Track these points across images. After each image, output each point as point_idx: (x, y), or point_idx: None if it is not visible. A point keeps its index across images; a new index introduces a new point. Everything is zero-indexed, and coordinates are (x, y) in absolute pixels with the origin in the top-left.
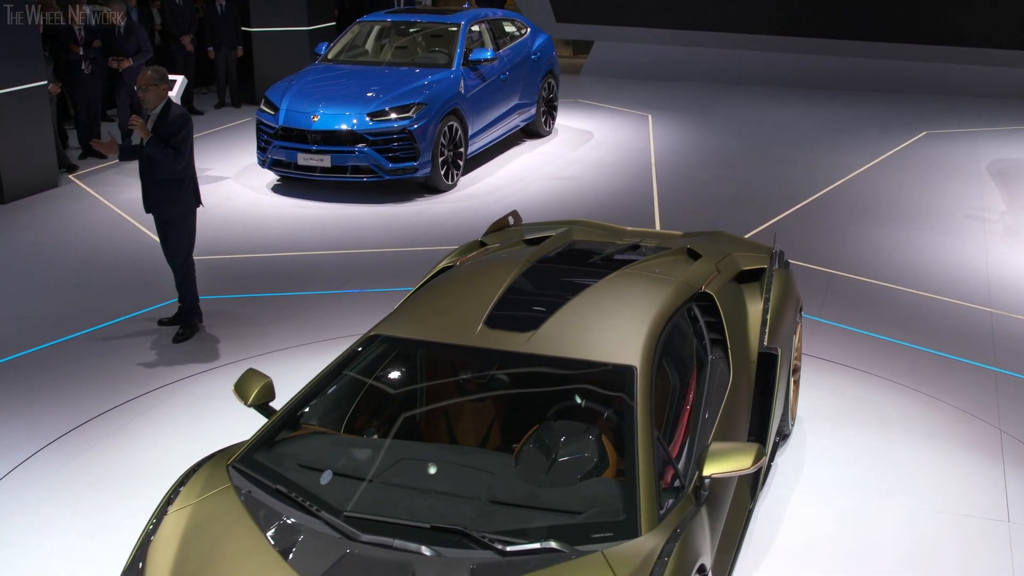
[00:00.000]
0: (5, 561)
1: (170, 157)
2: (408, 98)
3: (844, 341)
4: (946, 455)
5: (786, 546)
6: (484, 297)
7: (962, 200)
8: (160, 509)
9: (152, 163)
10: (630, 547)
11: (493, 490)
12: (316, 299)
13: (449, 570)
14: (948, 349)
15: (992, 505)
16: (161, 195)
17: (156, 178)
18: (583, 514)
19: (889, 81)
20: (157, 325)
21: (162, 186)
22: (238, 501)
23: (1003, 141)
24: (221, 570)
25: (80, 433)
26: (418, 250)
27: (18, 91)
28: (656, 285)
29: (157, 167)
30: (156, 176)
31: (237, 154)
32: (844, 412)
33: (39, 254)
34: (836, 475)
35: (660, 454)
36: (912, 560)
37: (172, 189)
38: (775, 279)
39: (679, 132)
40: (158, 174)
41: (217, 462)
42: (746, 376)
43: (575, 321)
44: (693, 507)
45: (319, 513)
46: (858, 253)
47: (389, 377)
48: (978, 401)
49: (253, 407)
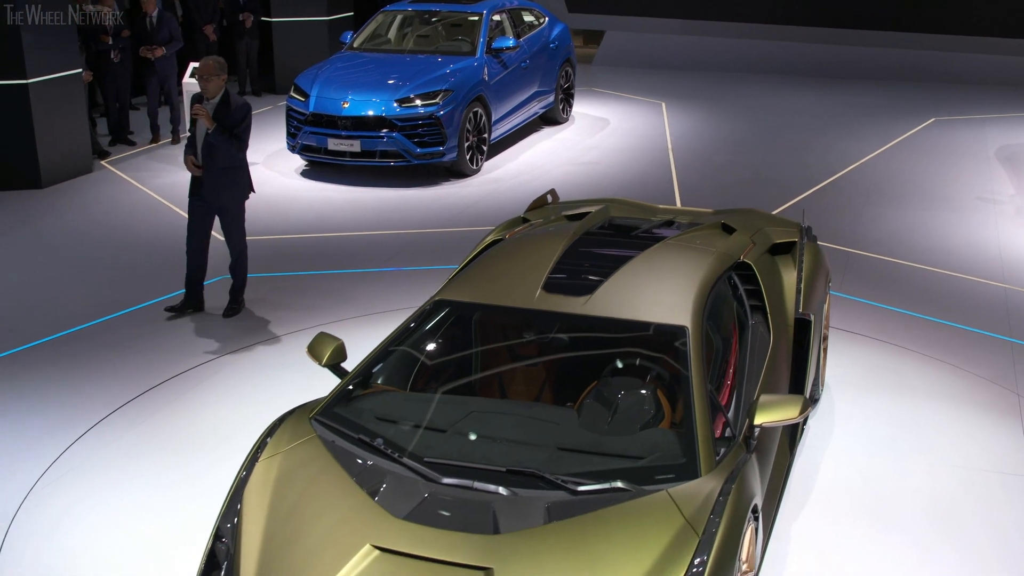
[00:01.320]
0: (82, 517)
1: (233, 145)
2: (435, 85)
3: (865, 314)
4: (966, 417)
5: (820, 499)
6: (540, 264)
7: (972, 183)
8: (250, 459)
9: (212, 150)
10: (692, 486)
11: (560, 439)
12: (358, 276)
13: (526, 508)
14: (965, 321)
15: (1011, 461)
16: (220, 181)
17: (216, 165)
18: (645, 459)
19: (896, 69)
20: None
21: (221, 172)
22: (324, 449)
23: (1010, 127)
24: (314, 510)
25: (142, 401)
26: (451, 231)
27: (54, 79)
28: (699, 254)
29: (217, 154)
30: (216, 163)
31: (263, 141)
32: (869, 379)
33: (82, 236)
34: (863, 436)
35: (713, 405)
36: (935, 511)
37: (231, 175)
38: (806, 251)
39: (693, 119)
40: (218, 161)
41: (299, 416)
42: (785, 339)
43: (627, 286)
44: (745, 454)
45: (401, 459)
46: (875, 233)
47: (453, 339)
48: (996, 369)
49: (327, 367)
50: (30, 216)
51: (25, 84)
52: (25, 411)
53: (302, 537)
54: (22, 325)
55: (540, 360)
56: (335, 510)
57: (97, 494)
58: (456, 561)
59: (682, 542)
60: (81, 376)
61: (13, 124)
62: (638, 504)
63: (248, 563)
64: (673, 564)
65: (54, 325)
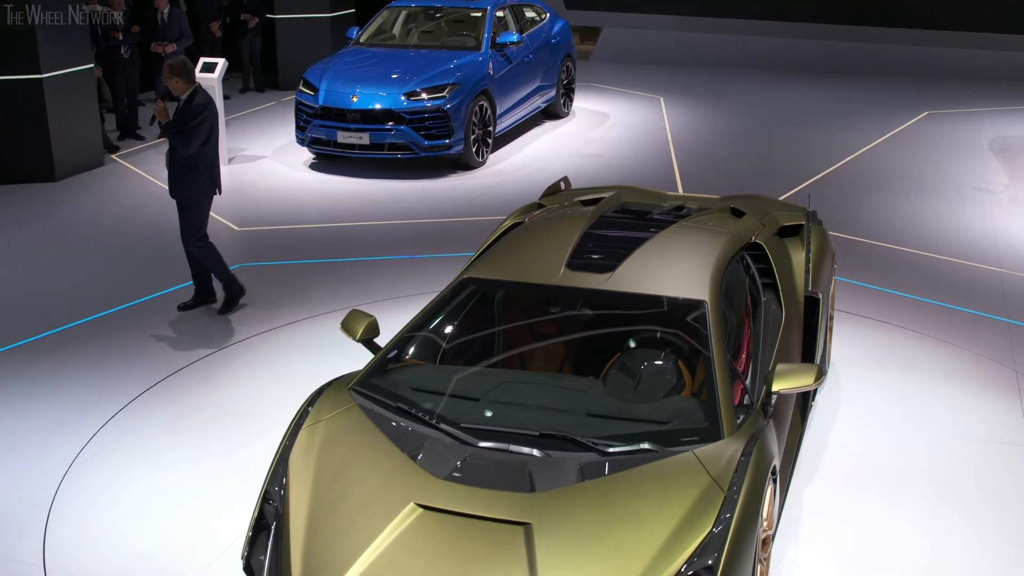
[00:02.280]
0: (123, 489)
1: (179, 142)
2: (442, 79)
3: (867, 297)
4: (967, 392)
5: (830, 468)
6: (562, 244)
7: (967, 174)
8: (293, 427)
9: (171, 147)
10: (716, 448)
11: (588, 406)
12: (372, 264)
13: (559, 468)
14: (964, 304)
15: (1011, 432)
16: (177, 178)
17: (175, 161)
18: (670, 423)
19: (890, 64)
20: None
21: (179, 169)
22: (364, 417)
23: (1004, 120)
24: (358, 472)
25: (171, 382)
26: (460, 220)
27: (67, 74)
28: (713, 234)
29: (174, 151)
30: (175, 160)
31: (270, 135)
32: (873, 358)
33: (100, 227)
34: (869, 410)
35: (731, 372)
36: (939, 479)
37: (187, 173)
38: (813, 234)
39: (692, 113)
40: (176, 158)
41: (338, 387)
42: (796, 315)
43: (647, 264)
44: (763, 420)
45: (439, 425)
46: (874, 221)
47: (480, 315)
48: (994, 347)
49: (361, 342)
50: (47, 208)
51: (40, 79)
52: (57, 393)
53: (348, 497)
54: (50, 311)
55: (565, 334)
56: (378, 472)
57: (135, 468)
58: (496, 517)
59: (709, 498)
60: (109, 359)
61: (28, 118)
62: (665, 464)
63: (297, 522)
64: (701, 519)
65: (80, 311)
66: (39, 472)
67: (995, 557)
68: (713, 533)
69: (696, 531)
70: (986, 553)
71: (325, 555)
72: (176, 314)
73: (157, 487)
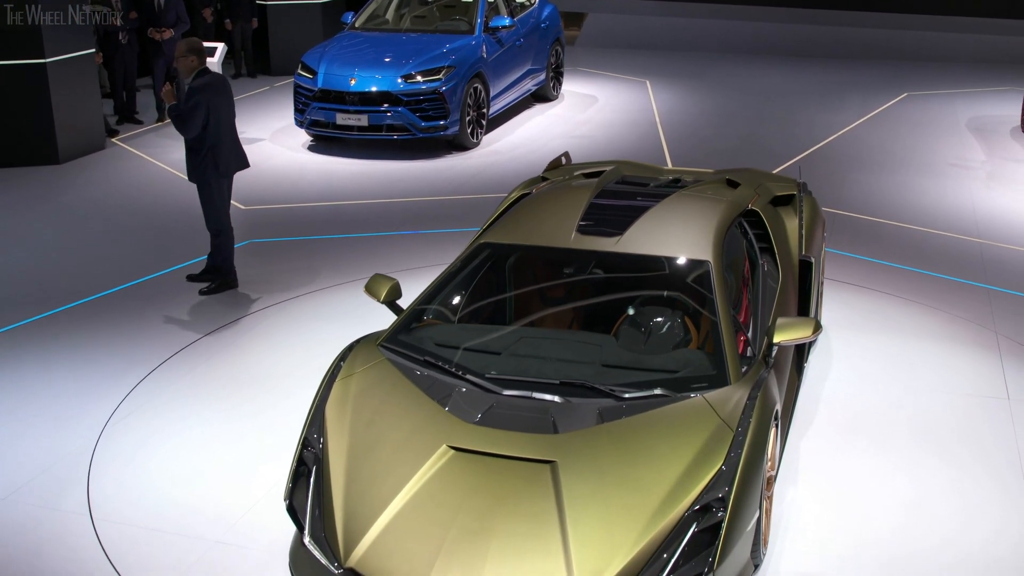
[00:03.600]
0: (159, 445)
1: (178, 126)
2: (438, 61)
3: (854, 266)
4: (949, 351)
5: (823, 421)
6: (571, 211)
7: (946, 151)
8: (327, 380)
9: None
10: (723, 392)
11: (603, 357)
12: (376, 239)
13: (580, 412)
14: (944, 271)
15: (990, 387)
16: (187, 161)
17: (184, 143)
18: (680, 372)
19: (869, 47)
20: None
21: (186, 152)
22: (394, 369)
23: (980, 101)
24: (391, 418)
25: (194, 349)
26: (458, 198)
27: (70, 59)
28: (712, 202)
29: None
30: (184, 142)
31: (266, 119)
32: (860, 322)
33: (109, 205)
34: (858, 368)
35: (735, 325)
36: (923, 429)
37: (192, 156)
38: (804, 203)
39: (677, 95)
40: (184, 140)
41: (367, 343)
42: (791, 277)
43: (652, 228)
44: (765, 370)
45: (465, 376)
46: (858, 196)
47: (496, 277)
48: (975, 311)
49: (385, 304)
50: (54, 189)
51: (43, 63)
52: (83, 361)
53: (383, 441)
54: (69, 286)
55: (578, 294)
56: (411, 418)
57: (168, 427)
58: (524, 456)
59: (719, 437)
60: (130, 330)
61: (32, 102)
62: (678, 408)
63: (337, 465)
64: (712, 456)
65: (98, 285)
66: (75, 432)
67: (972, 495)
68: (723, 469)
69: (708, 467)
70: (964, 492)
71: (365, 494)
72: (191, 287)
73: (191, 443)
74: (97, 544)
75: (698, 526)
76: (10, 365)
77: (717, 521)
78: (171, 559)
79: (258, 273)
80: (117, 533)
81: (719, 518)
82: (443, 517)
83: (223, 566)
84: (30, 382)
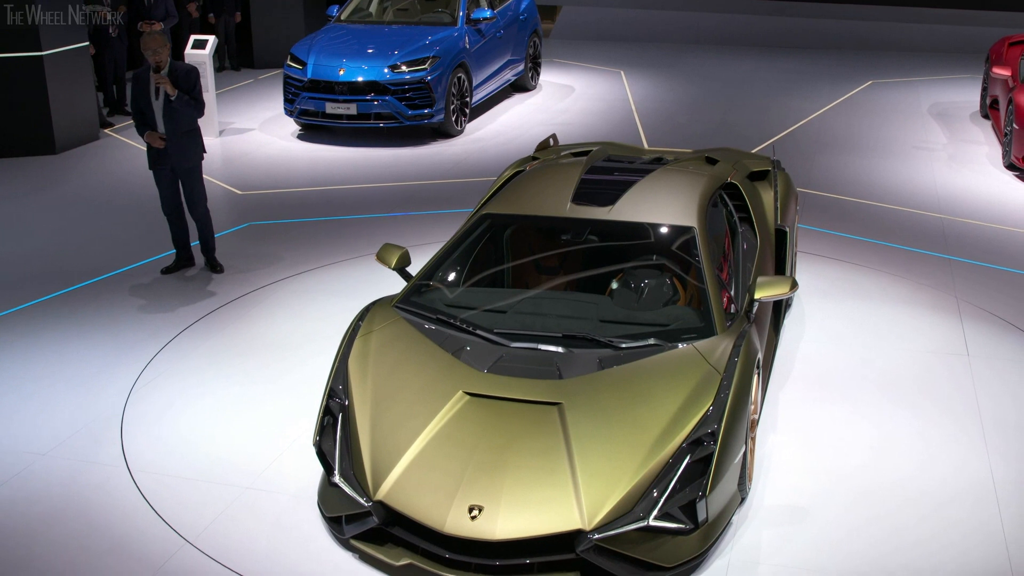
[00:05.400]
0: (187, 405)
1: (194, 107)
2: (423, 52)
3: (825, 240)
4: (914, 314)
5: (798, 377)
6: (565, 185)
7: (909, 135)
8: (348, 338)
9: (175, 116)
10: (711, 342)
11: (600, 314)
12: (369, 221)
13: (582, 361)
14: (909, 244)
15: (950, 345)
16: (184, 144)
17: (179, 130)
18: (671, 325)
19: (835, 38)
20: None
21: (184, 136)
22: (410, 327)
23: (941, 88)
24: (411, 369)
25: (208, 321)
26: (445, 182)
27: (65, 51)
28: (695, 175)
29: (180, 119)
30: (179, 128)
31: (254, 109)
32: (830, 289)
33: (111, 192)
34: (828, 330)
35: (719, 283)
36: (888, 383)
37: (192, 137)
38: (779, 177)
39: (651, 85)
40: (181, 126)
41: (382, 304)
42: (768, 243)
43: (642, 198)
44: (747, 323)
45: (475, 332)
46: (827, 176)
47: (498, 245)
48: (937, 278)
49: (395, 270)
50: (55, 178)
51: (40, 56)
52: (102, 334)
53: (404, 389)
54: (81, 266)
55: (575, 258)
56: (428, 368)
57: (192, 389)
58: (533, 399)
59: (708, 380)
60: (144, 305)
61: (29, 94)
62: (671, 355)
63: (362, 412)
64: (702, 396)
65: (109, 265)
66: (104, 396)
67: (933, 439)
68: (713, 407)
69: (699, 406)
70: (925, 436)
71: (389, 436)
72: (198, 266)
73: (215, 404)
74: (136, 491)
75: (692, 457)
76: (32, 339)
77: (709, 453)
78: (207, 503)
79: (260, 252)
80: (154, 482)
81: (711, 450)
82: (462, 454)
83: (256, 507)
84: (54, 353)
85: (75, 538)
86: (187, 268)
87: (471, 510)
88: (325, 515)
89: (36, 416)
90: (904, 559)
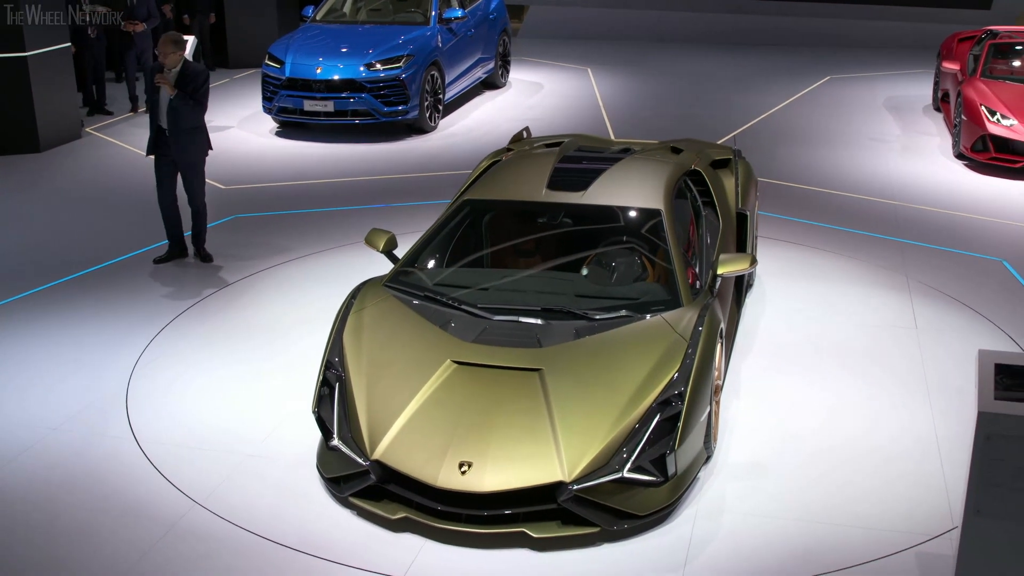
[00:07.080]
0: (191, 381)
1: (194, 108)
2: (398, 51)
3: (784, 226)
4: (867, 292)
5: (759, 350)
6: (540, 172)
7: (865, 128)
8: (342, 314)
9: (176, 114)
10: (678, 313)
11: (576, 290)
12: (349, 213)
13: (559, 331)
14: (863, 229)
15: (900, 319)
16: (186, 141)
17: (180, 127)
18: (641, 298)
19: (793, 35)
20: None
21: (186, 133)
22: (400, 303)
23: (896, 83)
24: (402, 340)
25: (200, 307)
26: (421, 175)
27: (49, 52)
28: (661, 163)
29: (181, 117)
30: (180, 126)
31: (232, 108)
32: (790, 270)
33: (97, 188)
34: (786, 307)
35: (685, 261)
36: (841, 353)
37: (194, 135)
38: (740, 165)
39: (617, 82)
40: (182, 124)
41: (373, 283)
42: (730, 226)
43: (612, 184)
44: (711, 297)
45: (460, 307)
46: (788, 167)
47: (479, 228)
48: (889, 259)
49: (383, 253)
50: (42, 175)
51: (24, 56)
52: (100, 320)
53: (396, 359)
54: (74, 257)
55: (551, 240)
56: (418, 340)
57: (193, 368)
58: (515, 366)
59: (676, 346)
60: (138, 293)
61: (14, 94)
62: (641, 325)
63: (358, 380)
64: (670, 361)
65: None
66: (107, 375)
67: (882, 402)
68: (680, 371)
69: (668, 370)
70: (876, 399)
71: (383, 402)
72: (189, 256)
73: (215, 380)
74: (145, 460)
75: (661, 416)
76: (34, 325)
77: (676, 412)
78: (213, 469)
79: (247, 243)
80: (161, 451)
81: (678, 409)
82: (451, 416)
83: (259, 471)
84: (56, 337)
85: (93, 500)
86: (179, 258)
87: (461, 466)
88: (324, 476)
89: (45, 395)
90: (856, 508)
